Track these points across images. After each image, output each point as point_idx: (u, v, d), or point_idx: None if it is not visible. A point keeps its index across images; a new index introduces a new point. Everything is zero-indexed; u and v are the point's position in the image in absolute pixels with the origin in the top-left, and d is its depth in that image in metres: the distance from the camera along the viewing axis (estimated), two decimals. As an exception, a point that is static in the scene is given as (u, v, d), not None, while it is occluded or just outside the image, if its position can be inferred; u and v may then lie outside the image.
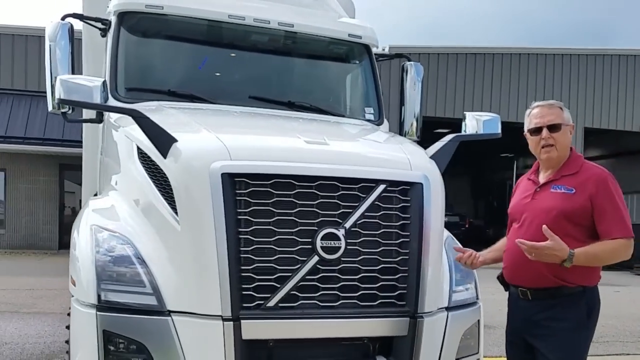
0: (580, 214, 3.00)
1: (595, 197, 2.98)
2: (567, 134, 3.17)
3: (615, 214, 2.98)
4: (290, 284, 3.13)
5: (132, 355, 3.08)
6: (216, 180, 3.06)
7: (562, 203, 3.03)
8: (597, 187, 3.00)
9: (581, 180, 3.05)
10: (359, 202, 3.27)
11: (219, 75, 4.92)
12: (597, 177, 3.04)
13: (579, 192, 3.01)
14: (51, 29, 4.54)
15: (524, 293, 3.15)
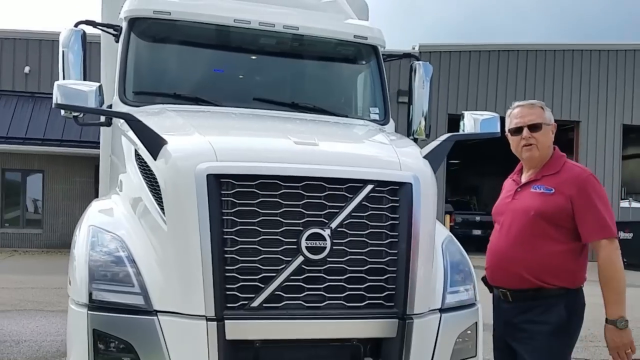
0: (559, 215, 2.92)
1: (575, 198, 2.90)
2: (549, 134, 3.11)
3: (596, 215, 2.89)
4: (274, 284, 3.14)
5: (120, 355, 3.13)
6: (201, 181, 3.10)
7: (540, 203, 2.96)
8: (577, 187, 2.92)
9: (561, 180, 2.97)
10: (345, 202, 3.26)
11: (224, 78, 4.97)
12: (577, 177, 2.95)
13: (558, 192, 2.94)
14: (64, 36, 4.68)
15: (504, 294, 3.10)
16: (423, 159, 3.72)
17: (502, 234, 3.08)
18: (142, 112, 4.20)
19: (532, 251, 2.94)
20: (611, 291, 2.89)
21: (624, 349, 2.87)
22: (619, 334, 2.86)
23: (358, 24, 5.27)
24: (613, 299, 2.88)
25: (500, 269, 3.07)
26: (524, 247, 2.96)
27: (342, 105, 5.14)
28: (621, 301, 2.89)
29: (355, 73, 5.39)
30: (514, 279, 2.99)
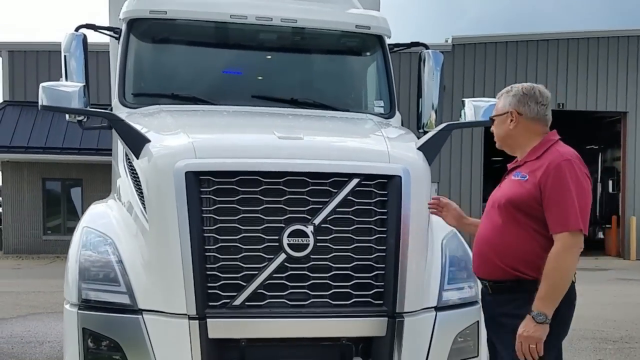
0: (527, 203, 2.71)
1: (544, 185, 2.68)
2: (502, 124, 2.92)
3: (559, 205, 2.64)
4: (256, 282, 3.08)
5: (109, 353, 3.15)
6: (180, 178, 3.07)
7: (512, 191, 2.78)
8: (547, 173, 2.68)
9: (537, 166, 2.76)
10: (330, 197, 3.16)
11: (223, 76, 4.92)
12: (550, 163, 2.70)
13: (530, 178, 2.74)
14: (66, 40, 4.71)
15: (485, 286, 2.93)
16: (416, 151, 3.58)
17: (483, 223, 2.95)
18: (137, 114, 4.21)
19: (506, 241, 2.77)
20: (546, 285, 2.63)
21: (528, 342, 2.64)
22: (532, 326, 2.62)
23: (360, 13, 5.10)
24: (543, 294, 2.63)
25: (480, 259, 2.92)
26: (498, 236, 2.80)
27: (345, 99, 4.99)
28: (551, 298, 2.63)
29: (359, 65, 5.24)
30: (492, 270, 2.84)
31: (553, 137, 2.87)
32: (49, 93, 3.76)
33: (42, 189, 18.29)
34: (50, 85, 3.81)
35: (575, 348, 6.86)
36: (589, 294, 11.30)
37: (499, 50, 21.81)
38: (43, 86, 3.76)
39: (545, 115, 2.87)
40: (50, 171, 18.14)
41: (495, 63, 21.72)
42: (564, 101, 21.95)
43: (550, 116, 2.91)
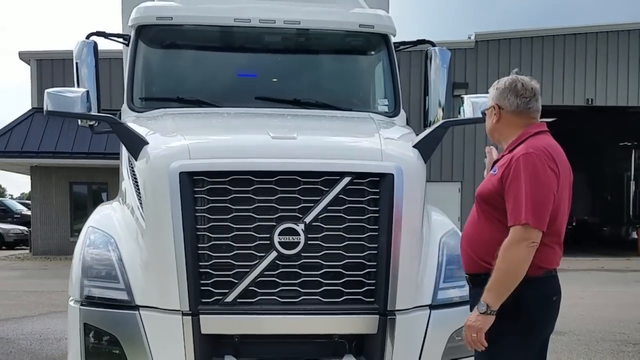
0: (492, 197, 2.71)
1: (505, 179, 2.67)
2: (488, 118, 2.92)
3: (513, 199, 2.61)
4: (248, 279, 3.13)
5: (108, 347, 3.25)
6: (174, 179, 3.15)
7: (483, 185, 2.82)
8: (508, 167, 2.67)
9: (506, 160, 2.75)
10: (321, 195, 3.19)
11: (227, 79, 4.99)
12: (513, 157, 2.69)
13: (498, 172, 2.74)
14: (77, 48, 4.85)
15: (467, 280, 2.94)
16: (412, 148, 3.58)
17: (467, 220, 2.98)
18: (143, 117, 4.32)
19: (478, 234, 2.79)
20: (492, 277, 2.61)
21: (470, 331, 2.65)
22: (475, 315, 2.64)
23: (364, 12, 5.10)
24: (490, 285, 2.62)
25: (461, 253, 2.95)
26: (473, 230, 2.83)
27: (348, 99, 4.99)
28: (496, 290, 2.60)
29: (363, 64, 5.24)
30: (469, 263, 2.87)
31: (531, 129, 2.81)
32: (54, 98, 3.89)
33: (69, 193, 18.83)
34: (54, 91, 3.95)
35: (592, 350, 6.73)
36: (615, 296, 11.11)
37: (524, 46, 21.41)
38: (48, 92, 3.90)
39: (528, 108, 2.82)
40: (77, 175, 18.66)
41: (520, 59, 21.34)
42: (593, 97, 21.44)
43: (536, 108, 2.85)
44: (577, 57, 21.42)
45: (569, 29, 21.89)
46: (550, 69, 21.38)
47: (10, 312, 8.67)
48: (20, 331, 7.27)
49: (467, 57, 21.04)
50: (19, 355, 6.13)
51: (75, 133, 17.30)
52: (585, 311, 9.13)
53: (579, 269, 16.08)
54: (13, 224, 24.31)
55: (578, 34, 21.60)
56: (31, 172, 19.12)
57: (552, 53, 21.45)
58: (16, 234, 22.91)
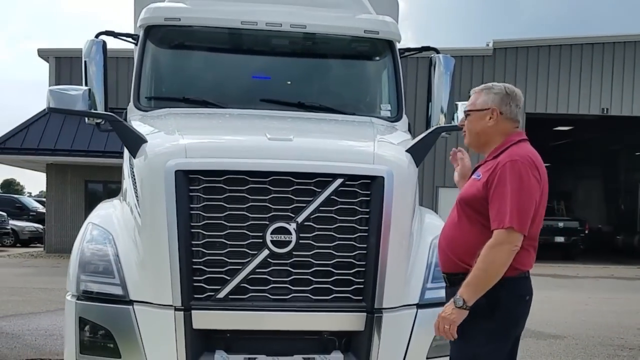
0: (476, 201, 2.78)
1: (490, 184, 2.75)
2: (480, 120, 2.93)
3: (498, 203, 2.69)
4: (240, 276, 3.21)
5: (102, 341, 3.33)
6: (170, 177, 3.23)
7: (467, 189, 2.90)
8: (493, 172, 2.75)
9: (491, 165, 2.82)
10: (314, 196, 3.26)
11: (233, 80, 5.07)
12: (499, 163, 2.77)
13: (482, 177, 2.81)
14: (86, 47, 4.94)
15: (444, 279, 3.01)
16: (405, 152, 3.65)
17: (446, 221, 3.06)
18: (148, 116, 4.43)
19: (459, 235, 2.86)
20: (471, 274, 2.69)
21: (443, 323, 2.73)
22: (450, 308, 2.72)
23: (370, 18, 5.17)
24: (467, 280, 2.69)
25: (440, 253, 3.03)
26: (453, 232, 2.90)
27: (351, 103, 5.05)
28: (473, 285, 2.68)
29: (367, 69, 5.30)
30: (448, 263, 2.93)
31: (515, 137, 2.90)
32: (56, 96, 4.00)
33: (84, 191, 19.02)
34: (56, 89, 4.06)
35: (589, 354, 6.75)
36: (620, 303, 11.02)
37: (541, 55, 21.31)
38: (50, 90, 4.00)
39: (518, 117, 2.94)
40: (93, 173, 18.84)
41: (537, 67, 21.25)
42: (609, 106, 21.29)
43: (519, 118, 2.97)
44: (594, 66, 21.28)
45: (586, 39, 21.77)
46: (567, 77, 21.27)
47: (18, 308, 8.84)
48: (27, 327, 7.39)
49: (484, 64, 21.01)
50: (22, 350, 6.24)
51: (91, 131, 17.49)
52: (588, 317, 9.15)
53: (588, 276, 16.05)
54: (29, 221, 24.62)
55: (595, 43, 21.46)
56: (47, 169, 19.38)
57: (569, 62, 21.34)
58: (31, 232, 23.22)
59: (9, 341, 6.63)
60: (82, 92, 4.14)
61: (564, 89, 21.23)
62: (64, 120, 17.57)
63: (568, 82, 21.28)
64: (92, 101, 4.34)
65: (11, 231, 22.52)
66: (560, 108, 21.26)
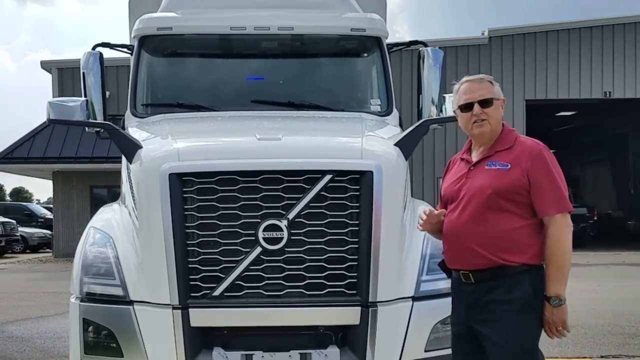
0: (516, 191, 2.82)
1: (531, 172, 2.80)
2: (499, 109, 2.99)
3: (552, 189, 2.79)
4: (234, 274, 3.30)
5: (105, 341, 3.43)
6: (164, 180, 3.33)
7: (496, 180, 2.86)
8: (532, 160, 2.82)
9: (515, 154, 2.87)
10: (303, 193, 3.34)
11: (224, 84, 5.16)
12: (531, 150, 2.84)
13: (514, 167, 2.84)
14: (84, 59, 5.06)
15: (466, 276, 2.97)
16: (393, 146, 3.72)
17: (457, 214, 2.98)
18: (144, 123, 4.54)
19: (490, 229, 2.84)
20: (554, 268, 2.77)
21: (555, 325, 2.80)
22: (551, 310, 2.78)
23: (356, 16, 5.24)
24: (553, 276, 2.77)
25: (459, 249, 2.94)
26: (481, 225, 2.86)
27: (342, 100, 5.12)
28: (561, 279, 2.77)
29: (356, 66, 5.38)
30: (474, 259, 2.88)
31: (511, 128, 3.01)
32: (55, 108, 4.14)
33: (90, 196, 19.29)
34: (55, 101, 4.20)
35: (598, 343, 6.76)
36: (630, 290, 10.99)
37: (538, 41, 21.24)
38: (50, 102, 4.14)
39: None
40: (98, 179, 19.09)
41: (535, 54, 21.16)
42: (611, 89, 21.20)
43: None
44: (593, 50, 21.19)
45: (583, 22, 21.68)
46: (566, 63, 21.18)
47: (28, 312, 9.00)
48: (36, 330, 7.55)
49: (480, 54, 20.98)
50: (32, 353, 6.38)
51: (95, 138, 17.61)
52: (597, 305, 9.12)
53: (599, 264, 15.94)
54: (37, 227, 24.92)
55: (594, 26, 21.37)
56: (53, 177, 19.65)
57: (568, 47, 21.26)
58: (39, 238, 23.51)
59: (18, 345, 6.79)
60: (80, 103, 4.28)
61: (563, 74, 21.17)
62: (68, 129, 17.85)
63: (567, 67, 21.21)
64: (91, 111, 4.48)
65: (20, 238, 22.77)
66: (561, 93, 21.21)
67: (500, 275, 2.84)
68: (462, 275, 2.99)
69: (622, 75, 21.18)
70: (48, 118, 4.08)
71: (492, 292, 2.87)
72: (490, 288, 2.87)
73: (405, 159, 3.73)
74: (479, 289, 2.90)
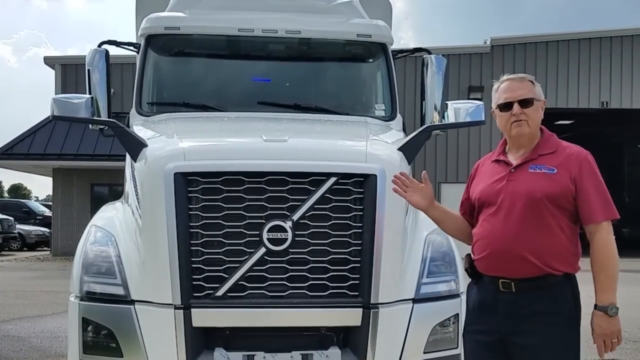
0: (563, 196, 2.71)
1: (578, 178, 2.71)
2: (539, 110, 2.87)
3: (600, 195, 2.71)
4: (238, 274, 3.32)
5: (105, 340, 3.43)
6: (169, 179, 3.35)
7: (545, 184, 2.73)
8: (579, 166, 2.72)
9: (561, 159, 2.76)
10: (308, 195, 3.37)
11: (231, 85, 5.20)
12: (578, 156, 2.76)
13: (560, 171, 2.73)
14: (89, 56, 5.08)
15: (506, 285, 2.75)
16: (396, 151, 3.76)
17: (501, 219, 2.77)
18: (150, 121, 4.57)
19: (538, 235, 2.70)
20: (605, 276, 2.67)
21: (611, 337, 2.65)
22: (608, 321, 2.65)
23: (363, 22, 5.29)
24: (606, 285, 2.66)
25: (502, 256, 2.75)
26: (530, 231, 2.70)
27: (347, 104, 5.16)
28: (614, 287, 2.67)
29: (361, 71, 5.43)
30: (520, 267, 2.70)
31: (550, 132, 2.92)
32: (60, 104, 4.15)
33: (90, 194, 19.25)
34: (60, 98, 4.21)
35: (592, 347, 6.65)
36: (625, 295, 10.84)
37: (539, 51, 21.41)
38: (54, 98, 4.14)
39: None
40: (99, 177, 19.07)
41: (535, 63, 21.30)
42: (608, 99, 21.37)
43: None
44: (592, 60, 21.39)
45: (583, 34, 21.92)
46: (566, 72, 21.36)
47: (24, 311, 8.99)
48: (32, 329, 7.54)
49: (482, 62, 21.11)
50: (28, 353, 6.37)
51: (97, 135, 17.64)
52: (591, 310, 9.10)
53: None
54: (35, 225, 24.86)
55: (592, 38, 21.61)
56: (53, 174, 19.59)
57: (567, 57, 21.45)
58: (37, 235, 23.42)
59: (14, 344, 6.78)
60: (84, 100, 4.29)
61: (562, 84, 21.33)
62: (70, 126, 17.81)
63: (567, 77, 21.39)
64: (95, 108, 4.48)
65: (18, 235, 22.70)
66: (560, 102, 21.36)
67: (544, 285, 2.72)
68: (501, 284, 2.78)
69: (619, 86, 21.38)
70: (52, 114, 4.10)
71: (535, 303, 2.73)
72: (533, 299, 2.73)
73: (408, 163, 3.78)
74: (520, 299, 2.74)
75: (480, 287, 2.89)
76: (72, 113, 4.22)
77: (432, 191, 3.04)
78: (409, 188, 3.01)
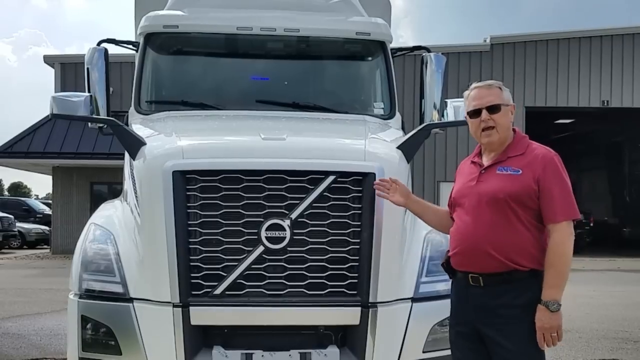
0: (526, 196, 2.84)
1: (541, 178, 2.83)
2: (508, 115, 3.00)
3: (562, 196, 2.81)
4: (236, 272, 3.32)
5: (104, 338, 3.43)
6: (168, 177, 3.35)
7: (508, 185, 2.87)
8: (543, 167, 2.85)
9: (528, 160, 2.89)
10: (307, 193, 3.37)
11: (229, 83, 5.19)
12: (543, 157, 2.87)
13: (525, 172, 2.86)
14: (88, 54, 5.07)
15: (475, 279, 2.93)
16: (395, 149, 3.75)
17: (470, 217, 2.95)
18: (148, 120, 4.56)
19: (503, 233, 2.85)
20: (554, 274, 2.79)
21: (551, 331, 2.77)
22: (549, 316, 2.76)
23: (362, 20, 5.28)
24: (553, 282, 2.79)
25: (470, 252, 2.92)
26: (494, 229, 2.86)
27: (346, 102, 5.14)
28: (560, 285, 2.80)
29: (361, 69, 5.42)
30: (485, 262, 2.87)
31: (523, 134, 3.02)
32: (59, 103, 4.15)
33: (90, 193, 19.26)
34: (59, 96, 4.21)
35: (592, 347, 6.79)
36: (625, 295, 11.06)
37: (539, 49, 21.39)
38: (53, 97, 4.15)
39: None
40: (98, 175, 19.07)
41: (535, 62, 21.29)
42: (609, 98, 21.38)
43: None
44: (592, 59, 21.37)
45: (583, 32, 21.89)
46: (566, 71, 21.34)
47: (24, 309, 8.99)
48: (32, 327, 7.54)
49: (482, 60, 21.10)
50: (28, 350, 6.38)
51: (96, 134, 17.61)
52: (592, 310, 9.20)
53: (595, 269, 16.04)
54: (35, 223, 24.86)
55: (593, 37, 21.58)
56: (53, 172, 19.60)
57: (568, 56, 21.43)
58: (37, 234, 23.43)
59: (14, 341, 6.78)
60: (83, 98, 4.30)
61: (563, 83, 21.32)
62: (70, 124, 17.82)
63: (567, 76, 21.37)
64: (95, 106, 4.48)
65: (18, 233, 22.72)
66: (560, 101, 21.36)
67: (509, 279, 2.85)
68: (470, 278, 2.95)
69: (620, 84, 21.35)
70: (52, 112, 4.10)
71: (502, 297, 2.87)
72: (500, 292, 2.87)
73: (407, 161, 3.77)
74: (487, 293, 2.89)
75: (455, 281, 3.11)
76: (71, 111, 4.22)
77: (407, 188, 3.32)
78: (390, 190, 3.23)
